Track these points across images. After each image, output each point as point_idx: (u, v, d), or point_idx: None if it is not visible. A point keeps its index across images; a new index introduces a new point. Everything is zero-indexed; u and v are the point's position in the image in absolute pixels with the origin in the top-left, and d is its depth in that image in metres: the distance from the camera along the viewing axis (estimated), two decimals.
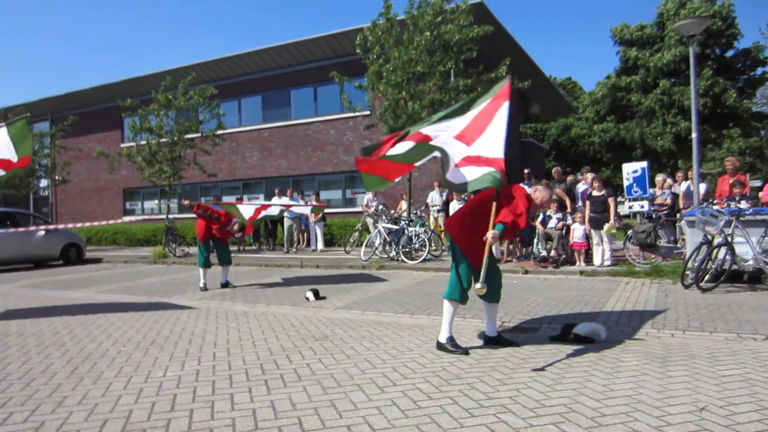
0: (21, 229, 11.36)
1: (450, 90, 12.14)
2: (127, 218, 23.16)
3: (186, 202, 9.64)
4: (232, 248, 13.51)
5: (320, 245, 15.34)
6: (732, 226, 7.45)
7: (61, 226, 11.70)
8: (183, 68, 20.77)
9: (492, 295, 4.64)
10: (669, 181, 11.33)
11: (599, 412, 3.10)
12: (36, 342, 5.39)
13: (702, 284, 7.39)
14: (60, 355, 4.80)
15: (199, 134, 16.45)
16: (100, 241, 22.10)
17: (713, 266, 7.54)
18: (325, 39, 18.60)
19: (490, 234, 4.19)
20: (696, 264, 7.51)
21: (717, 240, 7.52)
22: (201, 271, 9.02)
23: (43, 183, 25.40)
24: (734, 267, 7.42)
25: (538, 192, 4.68)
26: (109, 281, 10.80)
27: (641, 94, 25.98)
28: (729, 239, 7.41)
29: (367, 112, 13.16)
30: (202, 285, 8.94)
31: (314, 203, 14.70)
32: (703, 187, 10.62)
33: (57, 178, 22.07)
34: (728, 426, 2.86)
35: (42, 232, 14.66)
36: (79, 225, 9.37)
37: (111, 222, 17.50)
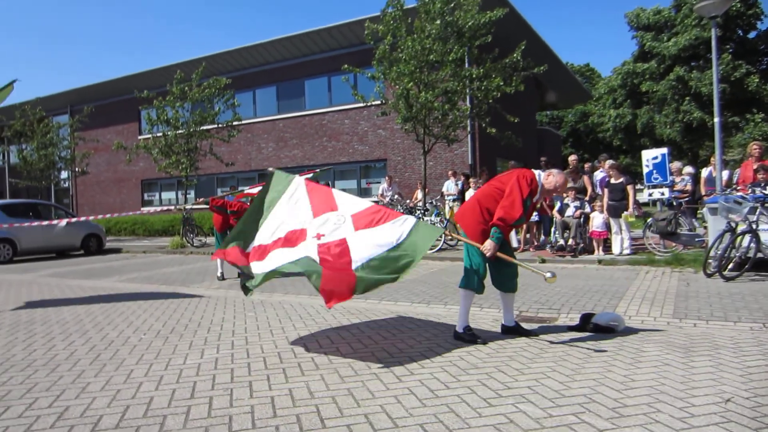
0: (45, 223, 11.64)
1: (463, 78, 12.02)
2: (145, 209, 23.44)
3: (200, 200, 9.54)
4: None
5: None
6: (757, 213, 7.30)
7: (82, 219, 11.86)
8: (198, 59, 20.85)
9: (508, 285, 4.60)
10: (689, 168, 11.14)
11: (620, 403, 3.06)
12: (60, 329, 5.47)
13: (725, 273, 7.26)
14: (83, 343, 4.87)
15: (215, 125, 16.54)
16: (119, 231, 22.39)
17: (737, 254, 7.40)
18: (338, 28, 18.52)
19: (487, 248, 4.21)
20: (719, 252, 7.37)
21: (741, 227, 7.38)
22: (218, 260, 9.09)
23: (64, 174, 25.78)
24: (759, 255, 7.28)
25: (551, 177, 4.50)
26: (129, 271, 10.94)
27: (654, 82, 25.51)
28: (753, 226, 7.26)
29: (379, 102, 13.11)
30: (219, 274, 9.01)
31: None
32: (725, 173, 10.42)
33: (77, 169, 22.37)
34: (755, 418, 2.80)
35: (64, 223, 14.89)
36: (100, 216, 9.48)
37: (130, 213, 17.72)
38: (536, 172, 4.51)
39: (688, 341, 4.35)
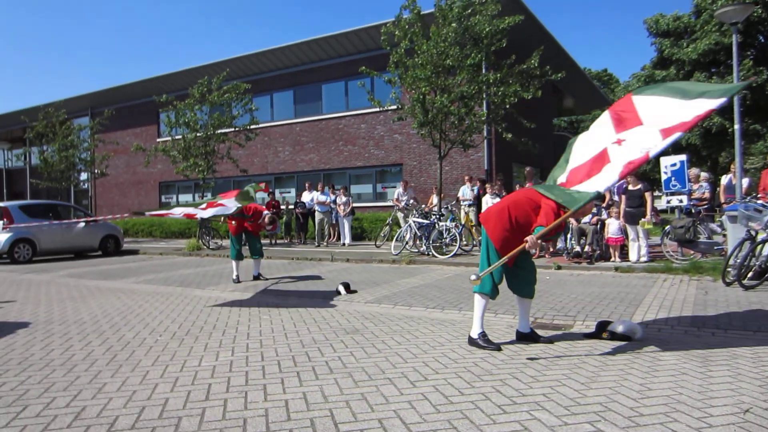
0: (64, 222, 11.92)
1: (480, 83, 11.99)
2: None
3: (222, 219, 9.53)
4: (264, 241, 13.67)
5: (347, 239, 15.39)
6: None
7: (100, 219, 12.02)
8: (217, 63, 21.06)
9: (525, 290, 4.58)
10: (705, 174, 11.01)
11: (637, 412, 3.02)
12: (77, 330, 5.55)
13: (744, 282, 7.15)
14: (100, 343, 4.93)
15: (232, 129, 16.70)
16: (136, 233, 22.64)
17: (757, 263, 7.29)
18: (356, 33, 18.60)
19: (529, 239, 4.10)
20: (738, 260, 7.25)
21: (761, 236, 7.27)
22: (233, 263, 9.15)
23: (83, 176, 26.16)
24: None
25: None
26: (146, 272, 11.06)
27: None
28: None
29: (395, 107, 13.14)
30: (234, 277, 9.08)
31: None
32: (746, 181, 10.27)
33: (96, 171, 22.69)
34: None
35: (82, 224, 15.12)
36: (117, 217, 9.59)
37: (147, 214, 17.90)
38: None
39: (706, 350, 4.29)
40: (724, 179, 10.98)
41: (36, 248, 14.31)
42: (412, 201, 14.50)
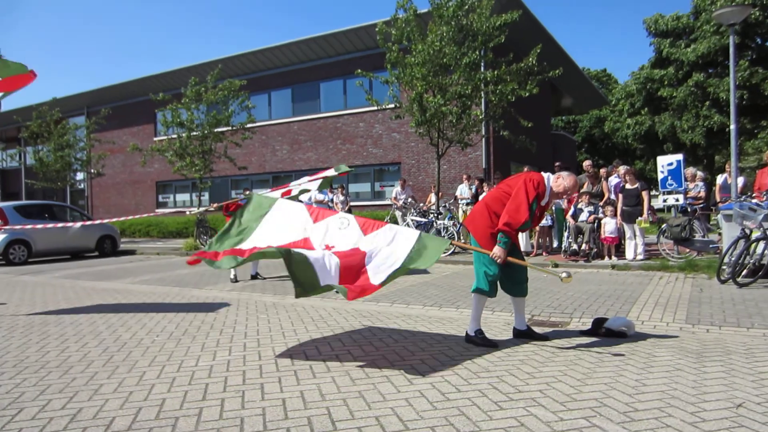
0: (60, 225, 11.95)
1: (478, 82, 11.98)
2: (159, 210, 23.66)
3: (215, 205, 9.62)
4: None
5: None
6: None
7: (97, 222, 11.93)
8: (214, 62, 21.01)
9: (517, 290, 4.58)
10: (700, 173, 11.06)
11: (632, 407, 3.05)
12: (73, 331, 5.54)
13: (739, 279, 7.20)
14: (96, 344, 4.93)
15: (229, 127, 16.66)
16: (133, 233, 22.60)
17: (751, 261, 7.34)
18: (354, 31, 18.59)
19: (497, 254, 4.23)
20: (733, 259, 7.31)
21: (755, 234, 7.31)
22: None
23: (80, 176, 26.07)
24: None
25: (560, 179, 4.43)
26: (143, 272, 11.05)
27: (673, 88, 25.30)
28: None
29: (393, 105, 13.15)
30: (232, 277, 9.08)
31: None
32: (741, 180, 10.31)
33: (92, 171, 22.61)
34: (766, 423, 2.78)
35: (78, 225, 15.08)
36: (114, 219, 9.55)
37: (144, 215, 17.87)
38: (546, 175, 4.45)
39: (700, 346, 4.32)
40: (720, 178, 11.03)
41: (31, 249, 14.22)
42: (410, 199, 14.52)
